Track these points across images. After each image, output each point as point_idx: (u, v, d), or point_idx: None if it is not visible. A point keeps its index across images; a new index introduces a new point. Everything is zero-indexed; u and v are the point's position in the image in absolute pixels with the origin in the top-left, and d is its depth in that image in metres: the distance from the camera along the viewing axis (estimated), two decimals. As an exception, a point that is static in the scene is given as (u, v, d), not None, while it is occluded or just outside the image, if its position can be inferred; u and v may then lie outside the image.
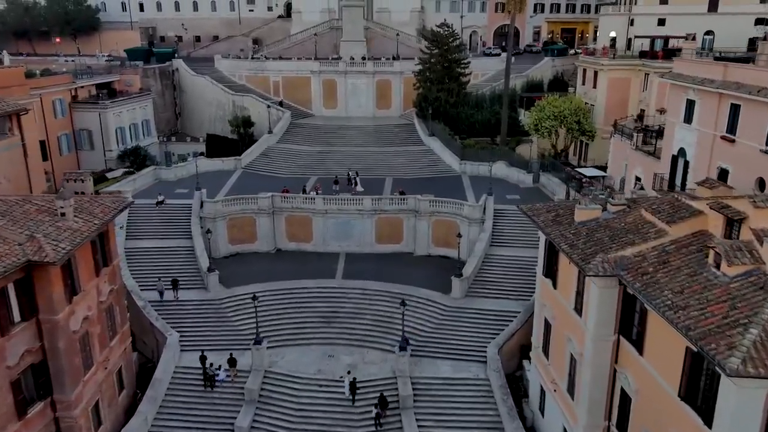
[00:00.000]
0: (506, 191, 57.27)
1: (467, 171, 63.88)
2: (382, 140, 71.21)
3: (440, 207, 51.80)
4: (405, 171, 64.77)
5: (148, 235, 51.39)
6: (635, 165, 45.45)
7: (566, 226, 29.82)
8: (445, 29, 69.88)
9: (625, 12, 78.61)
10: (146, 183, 60.36)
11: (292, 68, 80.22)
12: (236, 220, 52.83)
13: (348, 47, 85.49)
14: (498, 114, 68.64)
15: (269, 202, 52.96)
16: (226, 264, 51.02)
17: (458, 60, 69.95)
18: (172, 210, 53.84)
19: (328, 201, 52.84)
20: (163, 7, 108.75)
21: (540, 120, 59.50)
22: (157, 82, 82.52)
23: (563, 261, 29.88)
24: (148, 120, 75.40)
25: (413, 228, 52.80)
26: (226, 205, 52.32)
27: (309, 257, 52.51)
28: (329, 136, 72.24)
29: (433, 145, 67.74)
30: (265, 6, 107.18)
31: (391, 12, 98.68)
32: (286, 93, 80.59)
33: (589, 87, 65.53)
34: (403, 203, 52.63)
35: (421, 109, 70.91)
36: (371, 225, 52.92)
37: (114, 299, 35.51)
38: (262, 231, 53.27)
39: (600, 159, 60.89)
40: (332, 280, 47.72)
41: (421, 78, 70.65)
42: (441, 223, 52.06)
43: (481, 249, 47.27)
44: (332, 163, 66.04)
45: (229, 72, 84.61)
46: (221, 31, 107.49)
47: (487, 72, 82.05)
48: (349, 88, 78.39)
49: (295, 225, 53.76)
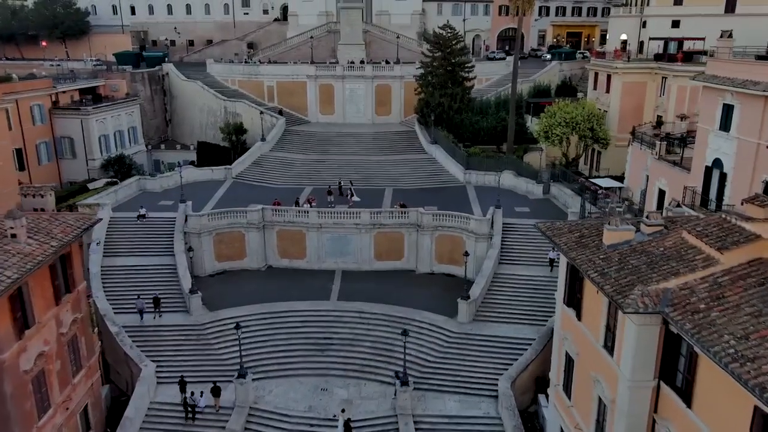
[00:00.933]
0: (515, 203, 53.32)
1: (472, 181, 59.97)
2: (381, 148, 67.32)
3: (444, 221, 47.83)
4: (406, 181, 60.84)
5: (128, 251, 47.34)
6: (658, 176, 41.53)
7: (593, 249, 25.80)
8: (448, 31, 66.11)
9: (637, 14, 75.01)
10: (129, 194, 56.36)
11: (287, 73, 76.37)
12: (223, 235, 48.84)
13: (346, 51, 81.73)
14: (504, 120, 64.78)
15: (259, 215, 49.01)
16: (212, 283, 47.06)
17: (462, 63, 66.13)
18: (155, 224, 49.83)
19: (322, 214, 48.87)
20: (156, 10, 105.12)
21: (550, 127, 55.63)
22: (146, 88, 78.68)
23: (589, 289, 25.86)
24: (134, 127, 71.57)
25: (415, 244, 48.81)
26: (212, 219, 48.33)
27: (302, 275, 48.50)
28: (326, 143, 68.37)
29: (436, 153, 63.85)
30: (261, 9, 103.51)
31: (391, 15, 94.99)
32: (281, 98, 76.76)
33: (601, 92, 61.70)
34: (404, 217, 48.67)
35: (423, 116, 67.08)
36: (369, 240, 48.92)
37: (79, 329, 31.44)
38: (252, 247, 49.30)
39: (614, 168, 57.00)
40: (326, 302, 43.63)
41: (423, 83, 66.83)
42: (445, 238, 48.08)
43: (489, 267, 43.24)
44: (328, 172, 62.10)
45: (222, 77, 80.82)
46: (215, 35, 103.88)
47: (491, 76, 78.25)
48: (347, 94, 74.56)
49: (288, 240, 49.78)
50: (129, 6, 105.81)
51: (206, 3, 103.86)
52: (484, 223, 46.34)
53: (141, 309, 41.36)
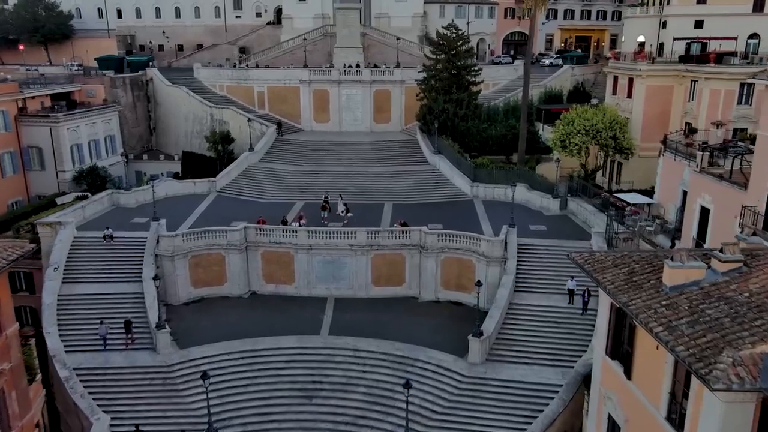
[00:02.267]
0: (529, 220, 47.62)
1: (480, 195, 54.35)
2: (380, 159, 61.67)
3: (451, 241, 42.12)
4: (407, 195, 55.15)
5: (91, 277, 41.59)
6: (700, 192, 35.78)
7: (651, 291, 20.01)
8: (452, 31, 60.66)
9: (656, 14, 69.66)
10: (100, 210, 50.65)
11: (278, 77, 70.88)
12: (201, 257, 43.12)
13: (342, 54, 76.27)
14: (515, 128, 59.18)
15: (241, 235, 43.31)
16: (186, 313, 41.37)
17: (468, 67, 60.64)
18: (123, 245, 44.06)
19: (313, 234, 43.14)
20: (143, 13, 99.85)
21: (568, 135, 49.97)
22: (127, 94, 73.16)
23: (645, 341, 20.08)
24: (112, 135, 65.99)
25: (418, 267, 43.09)
26: (187, 240, 42.60)
27: (289, 303, 42.79)
28: (320, 153, 62.73)
29: (440, 164, 58.20)
30: (254, 12, 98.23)
31: (390, 17, 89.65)
32: (272, 105, 71.25)
33: (621, 97, 56.07)
34: (406, 237, 42.95)
35: (426, 123, 61.51)
36: (366, 263, 43.19)
37: (7, 383, 25.59)
38: (233, 271, 43.58)
39: (639, 181, 51.27)
40: (316, 338, 37.79)
41: (426, 87, 61.31)
42: (452, 261, 42.36)
43: (504, 297, 37.43)
44: (322, 185, 56.36)
45: (209, 82, 75.33)
46: (206, 39, 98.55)
47: (499, 81, 72.75)
48: (343, 100, 69.01)
49: (274, 263, 44.05)
50: (115, 9, 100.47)
51: (196, 6, 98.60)
52: (497, 245, 40.60)
53: (104, 336, 36.21)
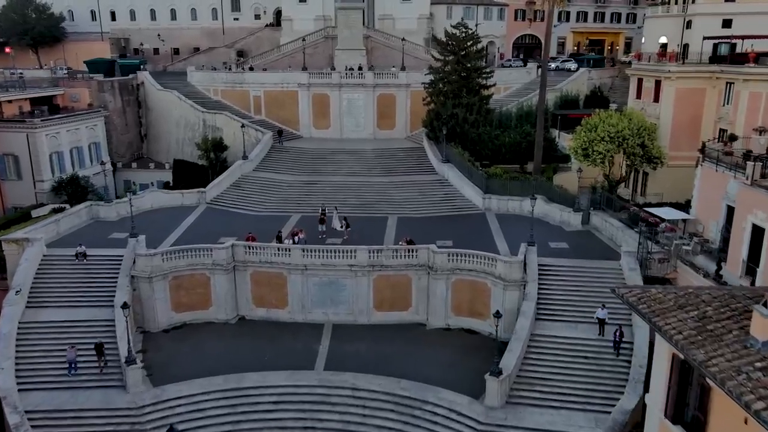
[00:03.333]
0: (548, 236, 42.93)
1: (493, 207, 49.75)
2: (384, 168, 57.14)
3: (463, 262, 37.48)
4: (413, 208, 50.56)
5: (60, 301, 37.15)
6: (751, 208, 31.08)
7: (736, 347, 15.33)
8: (462, 30, 56.27)
9: (679, 13, 65.13)
10: (77, 224, 46.21)
11: (275, 81, 66.49)
12: (183, 278, 38.62)
13: (344, 57, 71.94)
14: (530, 135, 54.67)
15: (228, 253, 38.79)
16: (165, 342, 36.88)
17: (479, 69, 56.15)
18: (98, 265, 39.53)
19: (308, 253, 38.54)
20: (138, 15, 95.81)
21: (591, 143, 45.33)
22: (116, 98, 68.92)
23: (724, 407, 15.45)
24: (97, 143, 61.70)
25: (425, 290, 38.46)
26: (168, 259, 38.08)
27: (282, 330, 38.22)
28: (319, 162, 58.24)
29: (449, 174, 53.61)
30: (252, 14, 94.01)
31: (395, 19, 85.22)
32: (269, 110, 66.90)
33: (647, 101, 51.42)
34: (412, 256, 38.33)
35: (433, 129, 57.01)
36: (367, 286, 38.59)
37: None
38: (219, 293, 39.05)
39: (669, 194, 46.61)
40: (310, 373, 33.12)
41: (433, 91, 56.83)
42: (464, 284, 37.71)
43: (525, 328, 32.72)
44: (321, 196, 51.86)
45: (203, 86, 71.05)
46: (202, 42, 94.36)
47: (510, 85, 68.19)
48: (345, 105, 64.59)
49: (265, 285, 39.50)
50: (109, 11, 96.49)
51: (193, 8, 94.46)
52: (516, 267, 35.92)
53: (72, 361, 32.19)
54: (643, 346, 30.57)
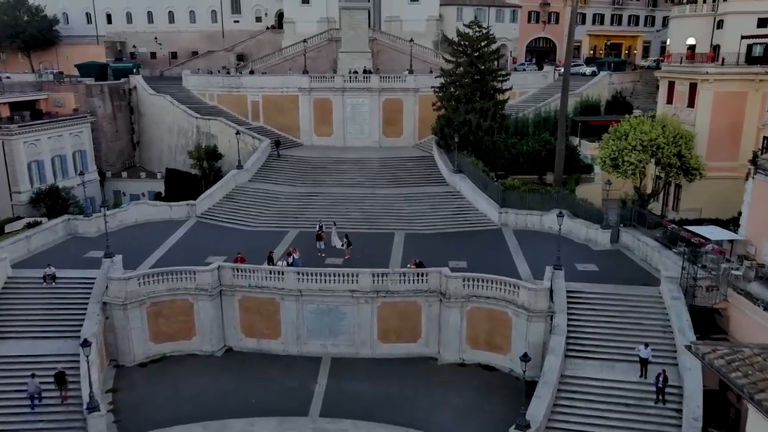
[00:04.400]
0: (574, 257, 38.24)
1: (510, 223, 45.21)
2: (390, 179, 52.61)
3: (480, 288, 32.87)
4: (422, 223, 45.98)
5: (22, 331, 32.72)
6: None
7: None
8: (475, 30, 51.84)
9: (709, 12, 60.37)
10: (51, 241, 41.91)
11: (275, 85, 62.19)
12: (162, 305, 34.16)
13: (348, 60, 67.64)
14: (550, 143, 50.06)
15: (214, 276, 34.32)
16: (140, 379, 32.42)
17: (494, 71, 51.65)
18: (68, 288, 35.11)
19: (304, 276, 33.99)
20: (134, 18, 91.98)
21: (621, 152, 40.67)
22: (105, 103, 64.95)
23: None
24: (83, 151, 57.58)
25: (437, 320, 33.86)
26: (145, 284, 33.63)
27: (273, 365, 33.72)
28: (320, 172, 53.78)
29: (461, 185, 49.07)
30: (253, 16, 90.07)
31: (402, 21, 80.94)
32: (268, 116, 62.60)
33: (680, 106, 46.73)
34: (422, 281, 33.72)
35: (444, 137, 52.51)
36: (371, 314, 34.03)
37: None
38: (203, 322, 34.57)
39: (706, 209, 41.95)
40: (303, 420, 28.48)
41: (444, 95, 52.37)
42: (481, 313, 33.08)
43: (554, 369, 28.00)
44: (321, 210, 47.47)
45: (198, 90, 66.96)
46: (201, 45, 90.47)
47: (526, 90, 63.61)
48: (348, 110, 60.19)
49: (255, 312, 34.97)
50: (105, 14, 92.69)
51: (191, 10, 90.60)
52: (542, 295, 31.25)
53: (34, 394, 28.19)
54: (696, 394, 25.83)
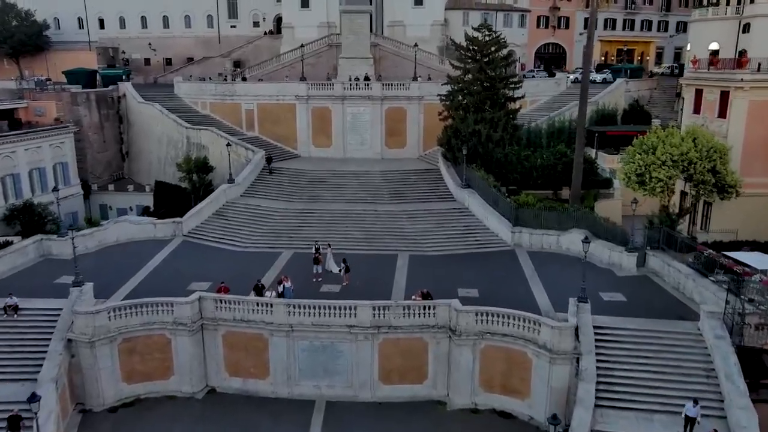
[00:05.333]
0: (597, 283, 34.17)
1: (524, 243, 41.36)
2: (393, 194, 48.84)
3: (496, 323, 28.91)
4: (428, 243, 42.08)
5: (-25, 370, 28.88)
6: None
7: None
8: (484, 33, 48.10)
9: (734, 15, 56.79)
10: (20, 264, 38.02)
11: (270, 93, 58.54)
12: (136, 341, 30.30)
13: (348, 66, 63.98)
14: (565, 156, 46.20)
15: (194, 309, 30.45)
16: (111, 426, 28.47)
17: (505, 78, 47.88)
18: (30, 322, 31.25)
19: (295, 309, 30.09)
20: (128, 23, 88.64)
21: (648, 167, 36.75)
22: (92, 112, 61.40)
23: None
24: (65, 163, 53.89)
25: (446, 359, 29.94)
26: (117, 317, 29.77)
27: (261, 409, 29.80)
28: (317, 186, 50.03)
29: (470, 201, 45.22)
30: (250, 21, 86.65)
31: (406, 26, 77.38)
32: (263, 126, 59.02)
33: (710, 116, 42.86)
34: (429, 315, 29.79)
35: (451, 149, 48.73)
36: (371, 352, 30.11)
37: None
38: (182, 359, 30.68)
39: (743, 229, 38.10)
40: (292, 483, 24.61)
41: (451, 104, 48.61)
42: (497, 352, 29.13)
43: (585, 424, 23.96)
44: (318, 228, 43.72)
45: (190, 98, 63.41)
46: (197, 51, 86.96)
47: (538, 98, 59.77)
48: (348, 120, 56.54)
49: (240, 349, 31.07)
50: (97, 19, 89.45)
51: (186, 15, 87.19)
52: (566, 334, 27.28)
53: None
54: (755, 459, 21.82)
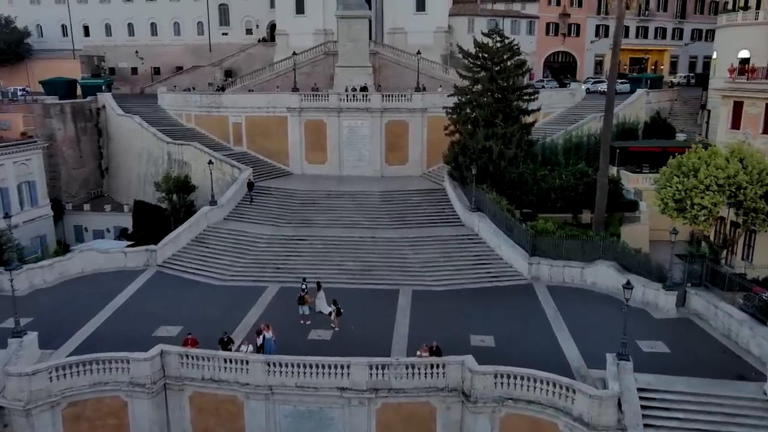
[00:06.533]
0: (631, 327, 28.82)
1: (543, 276, 36.37)
2: (394, 217, 43.76)
3: (519, 387, 23.77)
4: (433, 277, 36.97)
5: None
6: None
7: None
8: (495, 39, 43.21)
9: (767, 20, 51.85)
10: (-36, 302, 33.07)
11: (260, 104, 53.62)
12: (84, 405, 25.20)
13: (346, 75, 59.13)
14: (587, 176, 41.16)
15: (155, 366, 25.34)
16: None
17: (519, 89, 42.92)
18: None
19: (276, 368, 24.94)
20: (114, 30, 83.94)
21: (690, 192, 31.70)
22: (67, 125, 56.47)
23: None
24: (32, 182, 48.82)
25: (457, 428, 24.76)
26: (59, 377, 24.65)
27: (234, 490, 24.55)
28: (309, 209, 44.96)
29: (480, 226, 40.16)
30: (243, 28, 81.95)
31: (407, 33, 72.65)
32: (252, 140, 54.06)
33: (752, 131, 37.86)
34: (437, 375, 24.65)
35: (458, 167, 43.68)
36: (367, 419, 24.95)
37: None
38: (141, 425, 25.58)
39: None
40: None
41: (459, 117, 43.62)
42: (521, 423, 23.97)
43: None
44: (309, 258, 38.75)
45: (174, 110, 58.47)
46: (186, 60, 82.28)
47: (552, 110, 54.78)
48: (345, 134, 51.58)
49: (211, 414, 25.91)
50: (82, 26, 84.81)
51: (176, 21, 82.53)
52: (608, 404, 22.11)
53: None
54: None
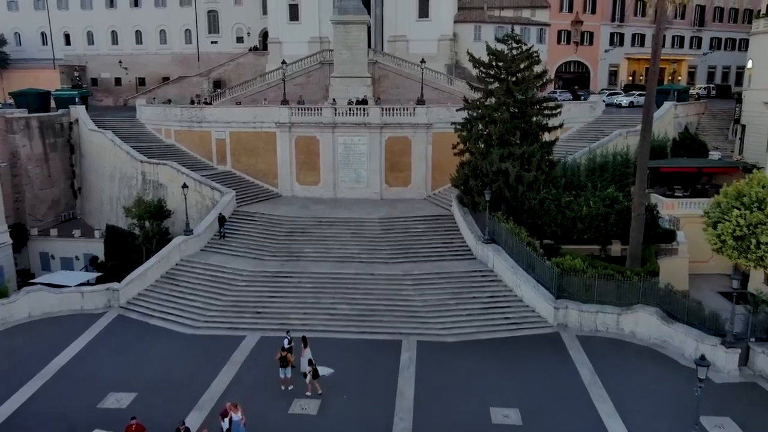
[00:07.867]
0: (686, 395, 23.21)
1: (571, 323, 30.79)
2: (395, 248, 38.06)
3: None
4: (441, 324, 31.27)
5: None
6: None
7: None
8: (510, 45, 37.75)
9: (811, 25, 46.67)
10: None
11: (245, 118, 48.17)
12: None
13: (342, 87, 53.83)
14: (617, 203, 35.54)
15: (87, 462, 19.57)
16: None
17: (538, 102, 37.40)
18: None
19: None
20: (96, 39, 78.92)
21: (755, 228, 26.09)
22: (34, 141, 51.15)
23: None
24: (-13, 206, 43.39)
25: None
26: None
27: None
28: (298, 239, 39.28)
29: (496, 262, 34.51)
30: (233, 36, 76.85)
31: (409, 41, 67.54)
32: (237, 158, 48.63)
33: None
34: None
35: (469, 191, 38.12)
36: None
37: None
38: None
39: None
40: None
41: (469, 135, 38.05)
42: None
43: None
44: (294, 300, 33.09)
45: (153, 125, 53.11)
46: (173, 70, 77.26)
47: (570, 125, 49.29)
48: (341, 151, 46.08)
49: None
50: (62, 34, 79.79)
51: (162, 29, 77.56)
52: None
53: None
54: None
